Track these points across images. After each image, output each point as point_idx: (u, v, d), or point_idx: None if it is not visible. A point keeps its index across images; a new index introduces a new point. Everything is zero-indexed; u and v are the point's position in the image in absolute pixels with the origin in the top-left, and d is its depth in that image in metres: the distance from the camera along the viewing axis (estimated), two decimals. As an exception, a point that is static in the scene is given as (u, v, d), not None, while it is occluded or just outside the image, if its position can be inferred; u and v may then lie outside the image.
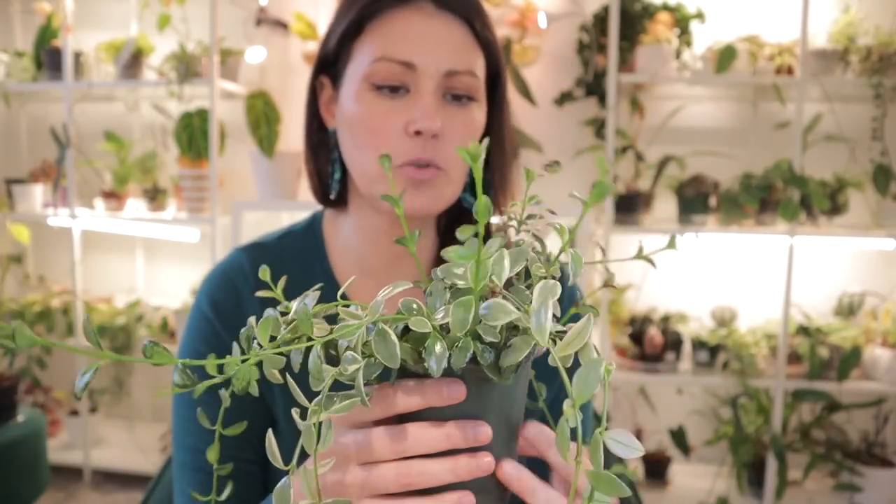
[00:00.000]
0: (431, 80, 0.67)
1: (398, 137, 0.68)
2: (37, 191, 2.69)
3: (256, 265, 0.77)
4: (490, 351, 0.42)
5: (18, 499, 1.99)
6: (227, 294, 0.77)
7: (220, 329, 0.76)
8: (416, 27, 0.68)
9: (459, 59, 0.68)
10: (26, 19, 2.88)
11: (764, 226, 2.26)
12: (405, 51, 0.67)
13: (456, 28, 0.69)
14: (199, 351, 0.76)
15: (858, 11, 2.26)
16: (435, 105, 0.67)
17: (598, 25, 2.40)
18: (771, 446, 2.22)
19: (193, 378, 0.41)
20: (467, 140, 0.70)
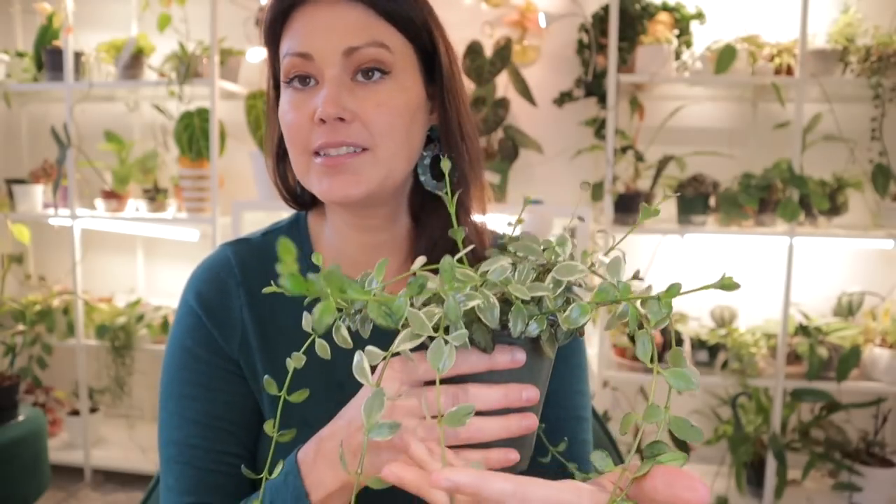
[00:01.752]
0: (331, 65, 0.68)
1: (310, 128, 0.69)
2: (37, 191, 2.69)
3: (242, 259, 0.78)
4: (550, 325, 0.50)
5: (19, 498, 1.99)
6: (213, 288, 0.77)
7: (206, 322, 0.76)
8: (312, 19, 0.69)
9: (356, 35, 0.68)
10: (27, 19, 2.88)
11: (763, 226, 2.27)
12: (301, 43, 0.69)
13: (352, 11, 0.69)
14: (186, 345, 0.76)
15: (857, 12, 2.27)
16: (336, 91, 0.67)
17: (597, 26, 2.41)
18: (770, 446, 2.22)
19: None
20: (383, 118, 0.69)
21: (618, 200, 2.27)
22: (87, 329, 2.67)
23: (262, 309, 0.77)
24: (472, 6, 2.54)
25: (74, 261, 2.61)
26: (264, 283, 0.75)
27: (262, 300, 0.77)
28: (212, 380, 0.75)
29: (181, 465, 0.74)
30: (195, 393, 0.74)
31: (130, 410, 2.92)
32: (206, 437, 0.74)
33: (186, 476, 0.73)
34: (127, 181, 2.62)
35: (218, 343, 0.76)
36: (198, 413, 0.74)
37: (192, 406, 0.74)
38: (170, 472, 0.74)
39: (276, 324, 0.78)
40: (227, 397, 0.75)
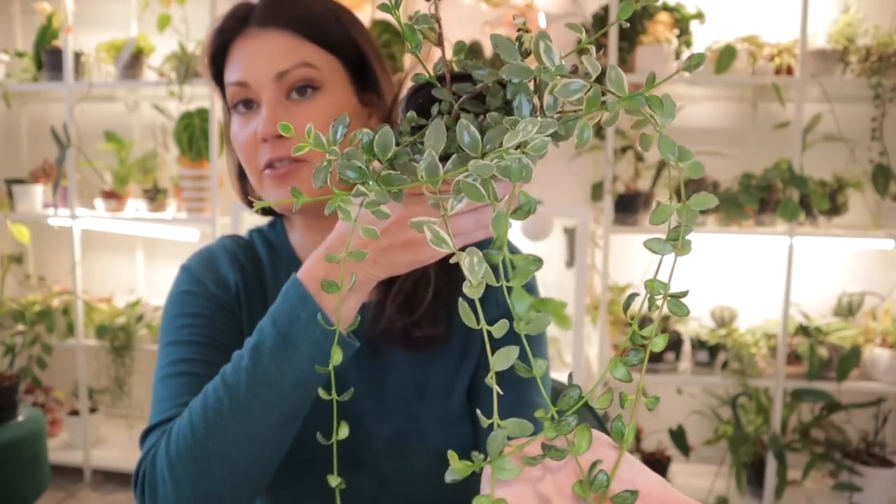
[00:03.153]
0: (265, 89, 0.76)
1: (255, 147, 0.77)
2: (37, 191, 2.69)
3: (234, 242, 0.88)
4: None
5: (19, 498, 1.99)
6: (205, 259, 0.85)
7: (200, 275, 0.82)
8: (244, 50, 0.78)
9: (285, 59, 0.76)
10: (27, 19, 2.88)
11: (763, 226, 2.27)
12: (238, 72, 0.77)
13: (278, 37, 0.76)
14: (182, 290, 0.82)
15: (858, 12, 2.27)
16: (273, 111, 0.75)
17: (597, 25, 2.41)
18: (770, 446, 2.22)
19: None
20: (326, 127, 0.74)
21: (618, 200, 2.27)
22: (86, 329, 2.67)
23: (250, 281, 0.84)
24: (472, 6, 2.54)
25: (74, 261, 2.61)
26: (251, 263, 0.86)
27: (250, 275, 0.85)
28: (207, 310, 0.80)
29: (177, 376, 0.74)
30: (191, 321, 0.78)
31: (130, 410, 2.92)
32: (203, 352, 0.76)
33: (182, 383, 0.73)
34: (127, 181, 2.62)
35: (211, 288, 0.81)
36: (195, 335, 0.77)
37: (188, 331, 0.77)
38: (164, 388, 0.74)
39: (259, 297, 0.84)
40: (222, 325, 0.79)
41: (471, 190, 0.44)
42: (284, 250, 0.88)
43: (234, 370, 0.63)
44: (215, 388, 0.63)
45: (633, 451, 2.50)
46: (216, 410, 0.62)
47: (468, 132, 0.44)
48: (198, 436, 0.62)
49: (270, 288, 0.86)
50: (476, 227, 0.54)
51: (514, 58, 0.49)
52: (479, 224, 0.54)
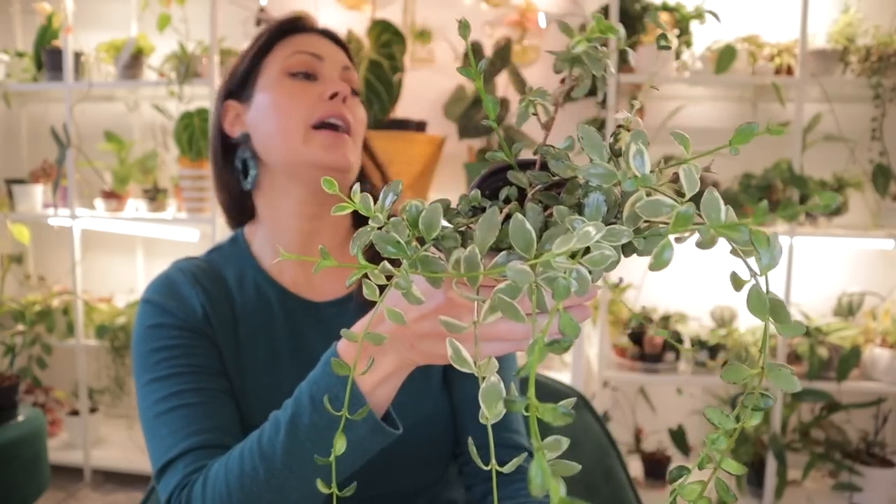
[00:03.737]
0: (333, 69, 0.87)
1: (314, 102, 0.83)
2: (37, 191, 2.69)
3: (192, 265, 0.87)
4: None
5: (19, 498, 1.99)
6: (166, 287, 0.84)
7: (165, 304, 0.81)
8: (315, 40, 0.88)
9: (346, 62, 0.89)
10: (27, 19, 2.88)
11: (763, 226, 2.26)
12: (313, 48, 0.86)
13: (338, 50, 0.90)
14: (149, 325, 0.79)
15: (858, 12, 2.26)
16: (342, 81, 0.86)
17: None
18: (770, 446, 2.22)
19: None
20: (359, 124, 0.87)
21: (618, 200, 2.27)
22: (86, 329, 2.67)
23: (217, 302, 0.83)
24: (472, 6, 2.54)
25: (74, 261, 2.61)
26: (216, 286, 0.84)
27: (216, 297, 0.83)
28: (181, 339, 0.78)
29: (172, 411, 0.72)
30: (167, 354, 0.76)
31: (130, 410, 2.92)
32: (189, 381, 0.74)
33: (181, 416, 0.71)
34: (127, 181, 2.62)
35: (178, 315, 0.80)
36: (175, 367, 0.75)
37: (167, 365, 0.75)
38: (161, 425, 0.72)
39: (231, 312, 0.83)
40: (200, 350, 0.78)
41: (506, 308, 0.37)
42: (250, 267, 0.87)
43: (270, 440, 0.61)
44: (251, 453, 0.62)
45: (634, 450, 2.50)
46: (252, 479, 0.61)
47: (522, 227, 0.37)
48: (234, 499, 0.62)
49: (239, 309, 0.84)
50: (508, 336, 0.48)
51: (601, 156, 0.42)
52: (512, 335, 0.47)
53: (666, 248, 0.38)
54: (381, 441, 0.59)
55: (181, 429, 0.70)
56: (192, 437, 0.69)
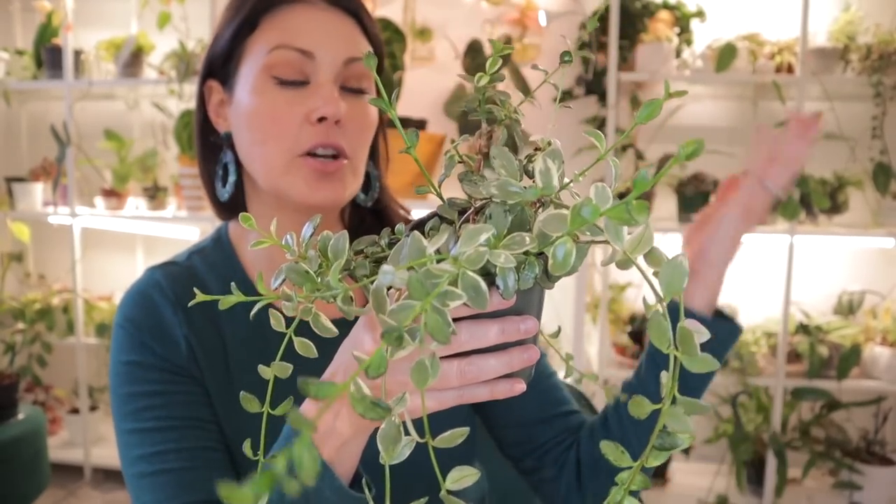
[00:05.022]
0: (330, 69, 0.69)
1: (300, 126, 0.69)
2: (37, 189, 2.69)
3: (171, 279, 0.75)
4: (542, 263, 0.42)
5: (19, 497, 1.99)
6: (143, 310, 0.73)
7: (140, 336, 0.72)
8: (311, 20, 0.69)
9: (356, 47, 0.71)
10: (26, 17, 2.88)
11: (764, 224, 2.26)
12: (303, 40, 0.69)
13: (348, 21, 0.71)
14: (125, 361, 0.72)
15: (858, 10, 2.26)
16: (336, 93, 0.69)
17: (598, 24, 2.40)
18: (770, 444, 2.22)
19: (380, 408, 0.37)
20: (365, 130, 0.72)
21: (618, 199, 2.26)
22: (86, 327, 2.67)
23: (201, 326, 0.74)
24: (472, 4, 2.54)
25: (74, 259, 2.61)
26: (202, 318, 0.74)
27: (200, 320, 0.74)
28: (162, 384, 0.70)
29: (154, 475, 0.67)
30: (148, 402, 0.70)
31: (130, 409, 2.92)
32: (172, 439, 0.68)
33: (163, 483, 0.66)
34: (127, 179, 2.62)
35: (158, 352, 0.71)
36: (157, 420, 0.69)
37: (148, 416, 0.69)
38: (143, 489, 0.67)
39: (219, 339, 0.74)
40: (183, 397, 0.71)
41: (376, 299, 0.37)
42: (236, 275, 0.77)
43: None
44: None
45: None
46: None
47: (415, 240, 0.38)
48: None
49: (229, 334, 0.74)
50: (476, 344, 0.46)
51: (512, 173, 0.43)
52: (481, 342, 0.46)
53: (559, 246, 0.37)
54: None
55: (163, 501, 0.66)
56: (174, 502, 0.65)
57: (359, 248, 0.49)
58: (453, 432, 0.43)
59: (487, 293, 0.37)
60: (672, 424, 0.37)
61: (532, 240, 0.39)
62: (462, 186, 0.47)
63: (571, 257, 0.38)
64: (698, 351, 0.37)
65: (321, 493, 0.53)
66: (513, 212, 0.42)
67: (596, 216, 0.35)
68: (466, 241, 0.37)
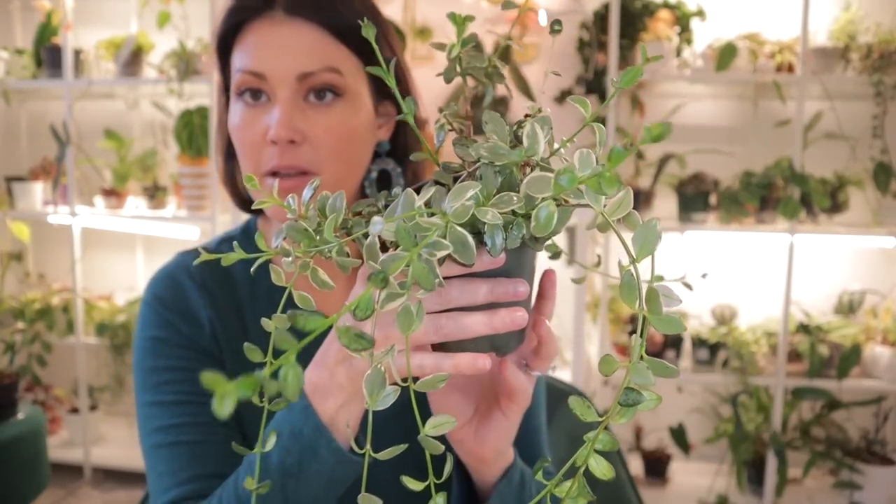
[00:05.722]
0: (284, 86, 0.68)
1: (261, 146, 0.70)
2: (37, 188, 2.69)
3: (199, 266, 0.78)
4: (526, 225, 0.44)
5: (19, 496, 1.99)
6: (171, 290, 0.77)
7: (168, 315, 0.75)
8: (265, 37, 0.69)
9: (310, 59, 0.69)
10: (26, 17, 2.88)
11: (764, 224, 2.26)
12: (254, 62, 0.69)
13: (307, 31, 0.69)
14: (152, 335, 0.75)
15: (859, 9, 2.26)
16: (288, 113, 0.68)
17: (598, 23, 2.40)
18: (771, 444, 2.22)
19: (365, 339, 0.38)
20: (333, 141, 0.70)
21: (618, 198, 2.26)
22: (86, 327, 2.67)
23: (225, 312, 0.77)
24: (472, 4, 2.54)
25: (74, 259, 2.61)
26: (224, 289, 0.77)
27: (224, 304, 0.77)
28: (184, 360, 0.74)
29: (170, 446, 0.70)
30: (170, 377, 0.73)
31: (130, 408, 2.92)
32: (190, 413, 0.71)
33: (178, 455, 0.69)
34: (126, 179, 2.62)
35: (183, 332, 0.75)
36: (177, 393, 0.72)
37: (169, 389, 0.72)
38: (159, 459, 0.70)
39: (242, 325, 0.77)
40: (198, 370, 0.73)
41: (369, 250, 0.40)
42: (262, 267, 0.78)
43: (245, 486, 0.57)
44: (229, 499, 0.61)
45: (634, 449, 2.50)
46: None
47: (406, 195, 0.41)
48: None
49: (250, 320, 0.77)
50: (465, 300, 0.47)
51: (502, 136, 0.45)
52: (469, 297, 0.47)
53: (542, 209, 0.40)
54: (350, 471, 0.57)
55: (177, 471, 0.68)
56: (186, 484, 0.68)
57: (357, 210, 0.51)
58: (435, 376, 0.43)
59: (474, 248, 0.40)
60: (638, 379, 0.40)
61: (519, 199, 0.41)
62: (455, 150, 0.49)
63: (553, 219, 0.40)
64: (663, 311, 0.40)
65: (318, 452, 0.55)
66: (502, 174, 0.44)
67: (573, 184, 0.37)
68: (454, 197, 0.39)
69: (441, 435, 0.43)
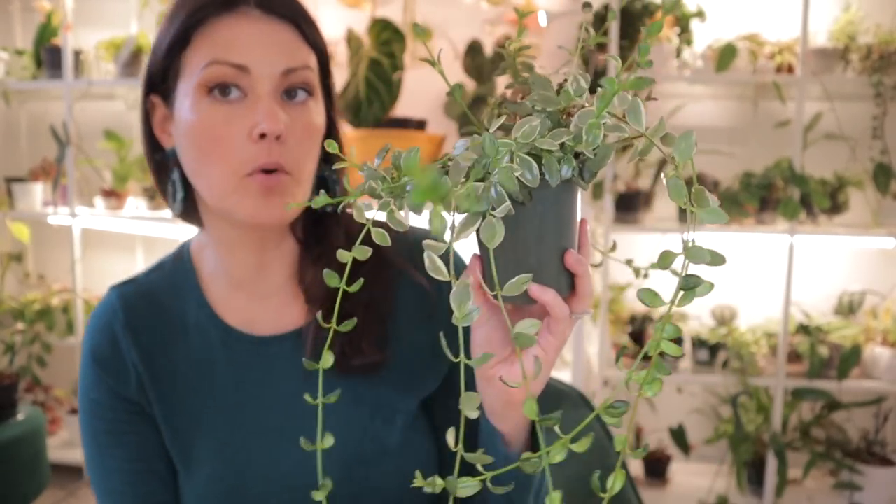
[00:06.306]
0: (268, 81, 0.67)
1: (242, 144, 0.67)
2: (37, 189, 2.69)
3: (128, 302, 0.78)
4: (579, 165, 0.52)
5: (18, 497, 1.99)
6: (103, 336, 0.78)
7: (101, 372, 0.77)
8: (245, 32, 0.67)
9: (293, 56, 0.69)
10: (26, 17, 2.88)
11: (764, 224, 2.26)
12: (237, 55, 0.66)
13: (285, 30, 0.69)
14: (91, 398, 0.77)
15: (859, 10, 2.26)
16: (276, 107, 0.67)
17: (598, 24, 2.40)
18: (771, 445, 2.22)
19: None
20: (309, 139, 0.71)
21: (618, 199, 2.27)
22: (86, 327, 2.66)
23: (151, 349, 0.77)
24: (472, 5, 2.54)
25: (74, 259, 2.61)
26: (151, 323, 0.77)
27: (150, 340, 0.77)
28: (121, 424, 0.76)
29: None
30: (109, 441, 0.76)
31: (130, 409, 2.92)
32: (129, 482, 0.75)
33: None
34: (126, 179, 2.62)
35: (116, 389, 0.76)
36: (116, 460, 0.76)
37: (110, 454, 0.76)
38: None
39: (169, 361, 0.77)
40: (139, 438, 0.76)
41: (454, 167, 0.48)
42: (194, 300, 0.78)
43: None
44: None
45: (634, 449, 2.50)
46: None
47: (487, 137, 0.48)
48: None
49: (180, 353, 0.76)
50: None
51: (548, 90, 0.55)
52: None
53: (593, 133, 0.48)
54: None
55: None
56: None
57: None
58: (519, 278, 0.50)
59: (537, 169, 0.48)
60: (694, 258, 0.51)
61: (568, 133, 0.49)
62: (507, 109, 0.57)
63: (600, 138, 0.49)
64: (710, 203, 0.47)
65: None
66: (552, 119, 0.51)
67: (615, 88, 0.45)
68: (520, 126, 0.48)
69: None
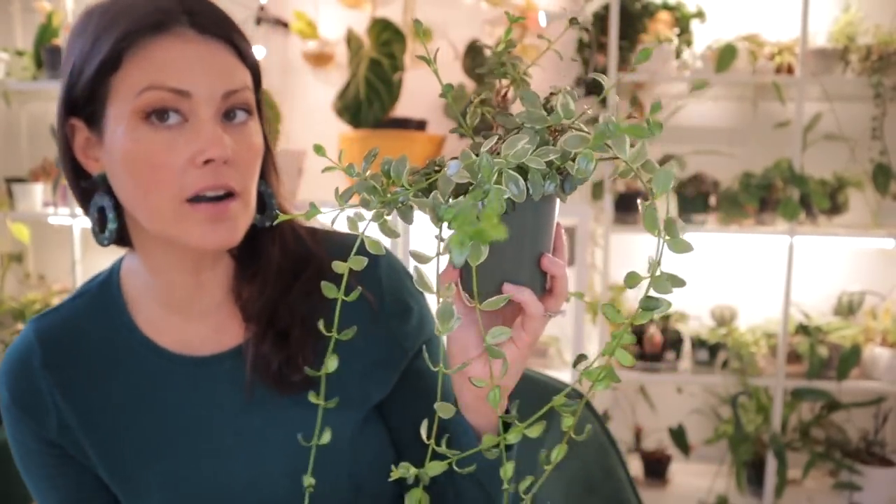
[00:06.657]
0: (209, 105, 0.65)
1: (184, 171, 0.64)
2: (37, 190, 2.69)
3: (46, 336, 0.75)
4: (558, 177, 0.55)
5: (19, 497, 1.99)
6: (20, 376, 0.75)
7: (21, 415, 0.75)
8: (182, 54, 0.64)
9: (232, 78, 0.67)
10: (26, 18, 2.88)
11: (764, 225, 2.26)
12: (176, 79, 0.64)
13: (222, 51, 0.67)
14: (17, 441, 0.78)
15: (858, 11, 2.26)
16: (220, 131, 0.65)
17: (598, 24, 2.40)
18: (770, 445, 2.22)
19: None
20: (254, 160, 0.70)
21: (618, 199, 2.27)
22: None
23: (77, 384, 0.74)
24: (472, 5, 2.54)
25: (74, 260, 2.61)
26: (75, 356, 0.74)
27: (75, 375, 0.74)
28: (50, 469, 0.77)
29: None
30: (44, 484, 0.78)
31: (130, 409, 2.92)
32: None
33: None
34: (127, 180, 2.62)
35: (38, 432, 0.75)
36: (53, 501, 0.78)
37: (48, 496, 0.78)
38: None
39: (100, 394, 0.75)
40: (69, 480, 0.77)
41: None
42: (123, 326, 0.76)
43: None
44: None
45: (633, 449, 2.50)
46: None
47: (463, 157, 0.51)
48: None
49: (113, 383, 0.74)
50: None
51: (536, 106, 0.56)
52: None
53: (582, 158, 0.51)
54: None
55: None
56: None
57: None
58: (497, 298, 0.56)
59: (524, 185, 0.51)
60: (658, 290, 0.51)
61: (556, 152, 0.51)
62: (497, 120, 0.60)
63: (593, 165, 0.51)
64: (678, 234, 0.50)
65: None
66: (539, 135, 0.54)
67: (618, 132, 0.49)
68: (510, 145, 0.51)
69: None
